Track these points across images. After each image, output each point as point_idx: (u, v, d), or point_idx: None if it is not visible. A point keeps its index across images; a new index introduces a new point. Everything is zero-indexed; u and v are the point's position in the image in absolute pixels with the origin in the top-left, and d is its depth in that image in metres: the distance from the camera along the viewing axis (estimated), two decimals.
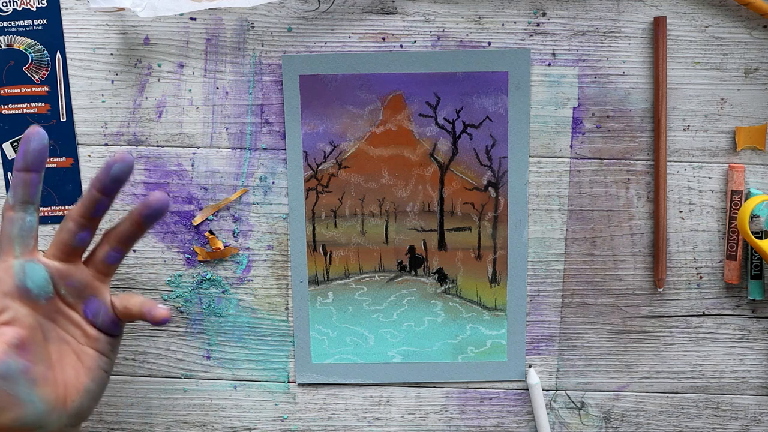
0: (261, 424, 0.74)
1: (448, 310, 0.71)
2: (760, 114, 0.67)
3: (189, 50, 0.67)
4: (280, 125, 0.69)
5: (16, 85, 0.68)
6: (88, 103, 0.68)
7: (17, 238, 0.57)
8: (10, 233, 0.57)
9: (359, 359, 0.72)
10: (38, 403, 0.55)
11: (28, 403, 0.55)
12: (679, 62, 0.67)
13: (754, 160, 0.68)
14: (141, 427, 0.74)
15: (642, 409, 0.73)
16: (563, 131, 0.68)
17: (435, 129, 0.68)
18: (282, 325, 0.72)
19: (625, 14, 0.66)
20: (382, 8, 0.67)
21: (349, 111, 0.68)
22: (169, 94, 0.68)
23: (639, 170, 0.69)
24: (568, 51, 0.67)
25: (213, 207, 0.70)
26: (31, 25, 0.67)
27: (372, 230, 0.70)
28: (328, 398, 0.73)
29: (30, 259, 0.57)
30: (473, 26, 0.67)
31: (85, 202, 0.58)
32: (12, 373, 0.54)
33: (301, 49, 0.67)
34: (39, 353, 0.56)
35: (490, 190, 0.69)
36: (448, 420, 0.74)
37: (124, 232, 0.59)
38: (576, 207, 0.69)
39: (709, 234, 0.69)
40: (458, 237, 0.70)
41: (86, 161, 0.70)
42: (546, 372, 0.72)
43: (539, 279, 0.71)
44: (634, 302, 0.71)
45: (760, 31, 0.66)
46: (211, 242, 0.70)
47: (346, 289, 0.71)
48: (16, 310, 0.56)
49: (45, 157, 0.57)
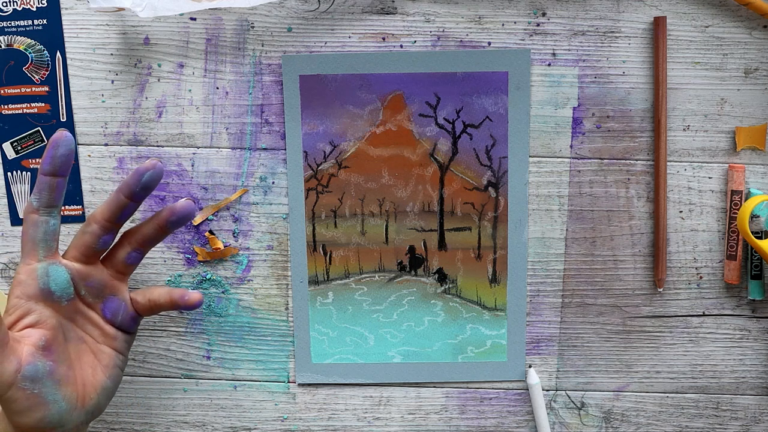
0: (261, 424, 0.74)
1: (448, 310, 0.71)
2: (760, 114, 0.67)
3: (189, 50, 0.67)
4: (280, 125, 0.69)
5: (16, 85, 0.68)
6: (88, 103, 0.68)
7: (41, 242, 0.58)
8: (34, 237, 0.58)
9: (359, 359, 0.72)
10: (61, 403, 0.56)
11: (53, 403, 0.56)
12: (679, 62, 0.67)
13: (754, 160, 0.68)
14: (141, 427, 0.74)
15: (642, 409, 0.73)
16: (563, 131, 0.68)
17: (435, 129, 0.68)
18: (282, 325, 0.72)
19: (625, 14, 0.66)
20: (382, 8, 0.67)
21: (349, 111, 0.68)
22: (169, 94, 0.68)
23: (639, 170, 0.69)
24: (568, 51, 0.67)
25: (213, 207, 0.70)
26: (31, 25, 0.67)
27: (372, 230, 0.70)
28: (328, 398, 0.73)
29: (53, 262, 0.58)
30: (473, 26, 0.67)
31: (112, 206, 0.59)
32: (39, 375, 0.55)
33: (301, 49, 0.67)
34: (61, 353, 0.57)
35: (490, 190, 0.69)
36: (448, 420, 0.74)
37: (146, 235, 0.61)
38: (576, 207, 0.69)
39: (709, 234, 0.69)
40: (458, 237, 0.70)
41: (86, 161, 0.70)
42: (546, 372, 0.72)
43: (539, 279, 0.71)
44: (634, 302, 0.71)
45: (760, 31, 0.66)
46: (211, 242, 0.70)
47: (346, 289, 0.71)
48: (41, 312, 0.57)
49: (71, 162, 0.58)
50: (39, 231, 0.58)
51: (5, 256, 0.71)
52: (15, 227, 0.71)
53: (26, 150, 0.69)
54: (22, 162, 0.70)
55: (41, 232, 0.58)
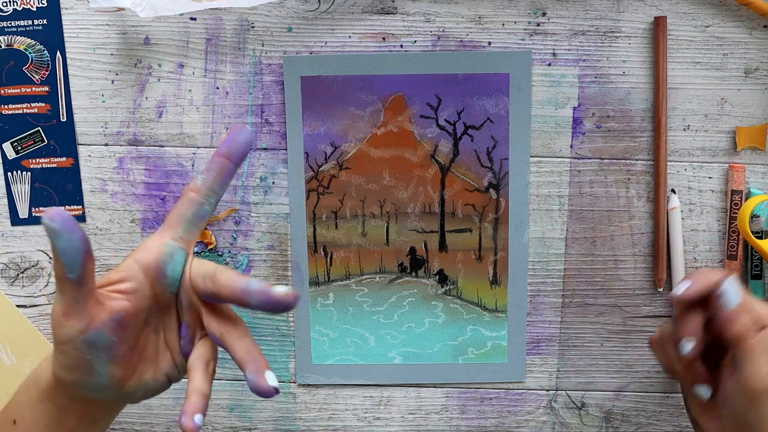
0: (261, 424, 0.74)
1: (448, 311, 0.71)
2: (760, 114, 0.67)
3: (189, 50, 0.67)
4: (280, 125, 0.68)
5: (16, 85, 0.68)
6: (88, 103, 0.68)
7: (187, 222, 0.55)
8: (183, 213, 0.55)
9: (360, 360, 0.72)
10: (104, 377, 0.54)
11: (97, 374, 0.54)
12: (679, 62, 0.67)
13: (754, 159, 0.68)
14: (141, 427, 0.74)
15: (642, 409, 0.73)
16: (563, 131, 0.68)
17: (436, 130, 0.68)
18: (282, 325, 0.72)
19: (626, 14, 0.66)
20: (382, 8, 0.66)
21: (350, 112, 0.68)
22: (169, 94, 0.68)
23: (639, 170, 0.69)
24: (568, 51, 0.67)
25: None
26: (31, 25, 0.67)
27: (373, 231, 0.70)
28: (329, 398, 0.74)
29: (183, 248, 0.55)
30: (473, 26, 0.66)
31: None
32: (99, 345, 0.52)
33: (301, 49, 0.67)
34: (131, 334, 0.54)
35: (491, 192, 0.69)
36: (448, 420, 0.74)
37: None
38: (576, 207, 0.69)
39: (709, 234, 0.69)
40: (459, 238, 0.70)
41: (86, 161, 0.69)
42: (546, 372, 0.73)
43: (539, 279, 0.71)
44: (634, 302, 0.71)
45: (760, 31, 0.66)
46: (201, 236, 0.70)
47: (347, 290, 0.71)
48: (141, 285, 0.54)
49: (246, 152, 0.55)
50: (191, 209, 0.55)
51: (5, 256, 0.71)
52: (15, 227, 0.70)
53: (26, 150, 0.69)
54: (22, 162, 0.69)
55: (192, 211, 0.55)
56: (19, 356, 0.73)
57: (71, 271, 0.50)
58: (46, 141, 0.69)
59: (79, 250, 0.49)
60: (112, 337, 0.53)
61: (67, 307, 0.51)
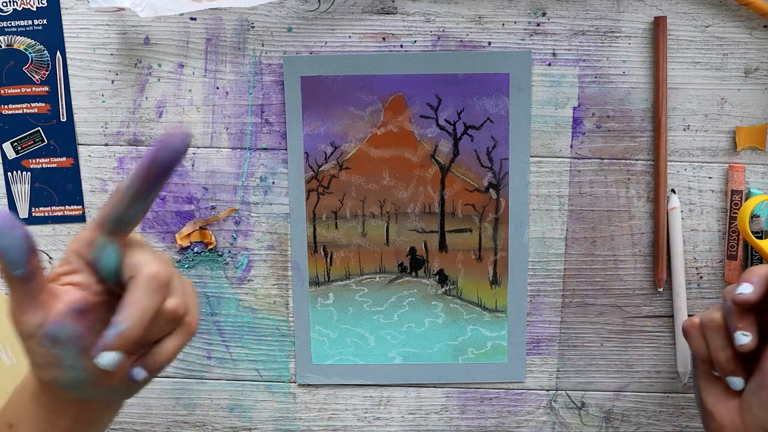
0: (261, 424, 0.74)
1: (448, 311, 0.71)
2: (760, 114, 0.67)
3: (189, 50, 0.67)
4: (280, 125, 0.68)
5: (16, 85, 0.68)
6: (88, 103, 0.68)
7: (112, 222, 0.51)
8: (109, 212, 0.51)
9: (360, 360, 0.72)
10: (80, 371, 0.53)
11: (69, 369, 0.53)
12: (679, 62, 0.67)
13: (754, 159, 0.68)
14: (141, 427, 0.74)
15: (642, 409, 0.73)
16: (563, 131, 0.68)
17: (436, 130, 0.68)
18: (282, 325, 0.72)
19: (626, 14, 0.66)
20: (382, 8, 0.66)
21: (350, 112, 0.68)
22: (169, 94, 0.68)
23: (639, 170, 0.69)
24: (568, 51, 0.67)
25: (198, 222, 0.70)
26: (31, 25, 0.67)
27: (373, 231, 0.70)
28: (329, 398, 0.74)
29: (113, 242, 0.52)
30: (473, 26, 0.66)
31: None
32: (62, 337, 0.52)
33: (301, 49, 0.67)
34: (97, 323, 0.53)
35: (491, 192, 0.69)
36: (448, 420, 0.74)
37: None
38: (576, 207, 0.69)
39: (709, 234, 0.69)
40: (459, 238, 0.70)
41: (86, 161, 0.69)
42: (546, 372, 0.73)
43: (539, 279, 0.71)
44: (634, 302, 0.71)
45: (760, 31, 0.66)
46: (201, 236, 0.70)
47: (347, 290, 0.71)
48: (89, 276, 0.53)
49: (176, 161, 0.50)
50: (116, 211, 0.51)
51: None
52: None
53: (26, 150, 0.69)
54: (22, 162, 0.69)
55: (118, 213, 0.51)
56: (19, 356, 0.73)
57: (16, 268, 0.49)
58: (46, 141, 0.69)
59: (21, 247, 0.48)
60: (75, 328, 0.52)
61: (20, 304, 0.51)
